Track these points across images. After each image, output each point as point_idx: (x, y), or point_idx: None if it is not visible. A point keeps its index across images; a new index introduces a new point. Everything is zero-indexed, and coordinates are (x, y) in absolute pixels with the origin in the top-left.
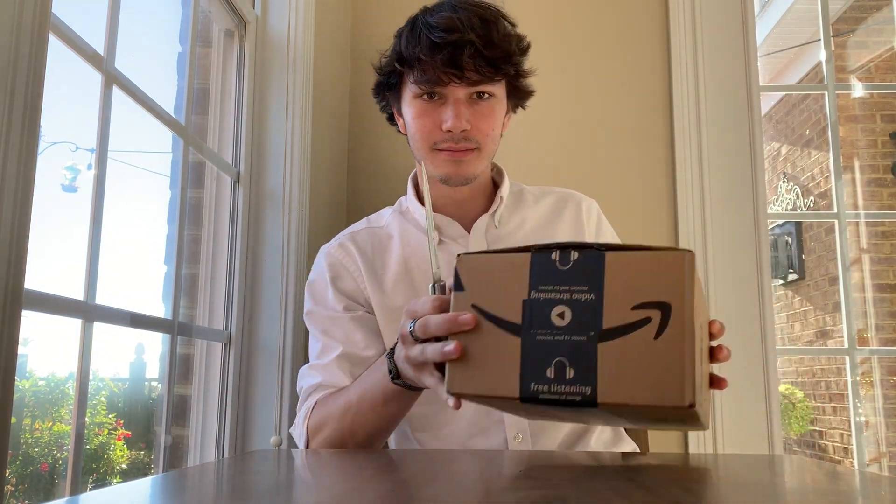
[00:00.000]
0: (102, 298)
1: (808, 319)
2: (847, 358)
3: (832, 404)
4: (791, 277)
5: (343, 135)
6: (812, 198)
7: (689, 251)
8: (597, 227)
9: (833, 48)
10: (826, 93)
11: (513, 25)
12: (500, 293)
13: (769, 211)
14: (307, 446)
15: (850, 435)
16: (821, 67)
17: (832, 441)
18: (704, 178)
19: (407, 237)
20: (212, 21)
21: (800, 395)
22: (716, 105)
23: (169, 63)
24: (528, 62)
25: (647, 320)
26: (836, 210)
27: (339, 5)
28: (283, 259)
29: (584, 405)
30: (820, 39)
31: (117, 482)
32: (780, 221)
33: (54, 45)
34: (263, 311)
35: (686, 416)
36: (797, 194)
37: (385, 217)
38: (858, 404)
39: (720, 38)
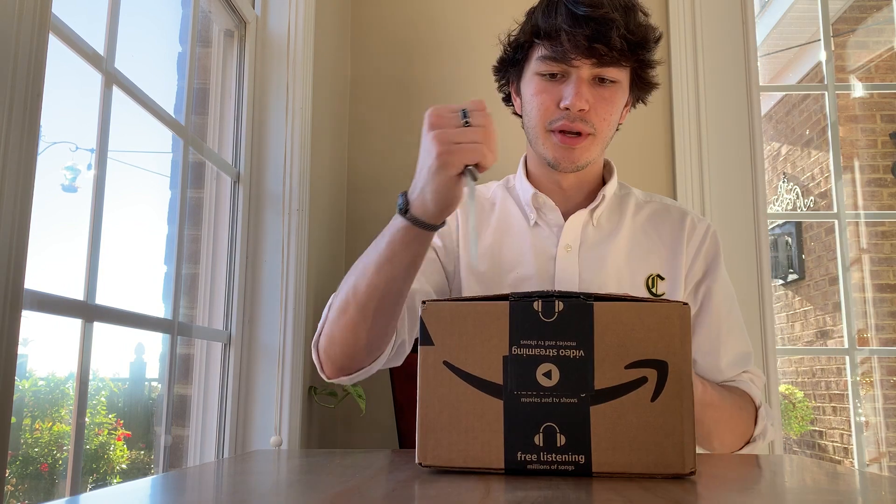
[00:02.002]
0: (102, 298)
1: (808, 319)
2: (847, 358)
3: (832, 404)
4: (791, 277)
5: (343, 135)
6: (812, 198)
7: (685, 303)
8: (697, 254)
9: (833, 48)
10: (826, 93)
11: (646, 16)
12: (475, 348)
13: (769, 211)
14: (321, 330)
15: (850, 435)
16: (821, 67)
17: (832, 441)
18: (704, 177)
19: (506, 213)
20: (212, 21)
21: (800, 395)
22: (716, 105)
23: (169, 63)
24: None
25: (643, 380)
26: (836, 210)
27: (339, 5)
28: (283, 259)
29: (578, 475)
30: (820, 39)
31: (117, 482)
32: (780, 221)
33: (54, 45)
34: (263, 311)
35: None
36: (797, 194)
37: (491, 188)
38: (858, 404)
39: (720, 38)
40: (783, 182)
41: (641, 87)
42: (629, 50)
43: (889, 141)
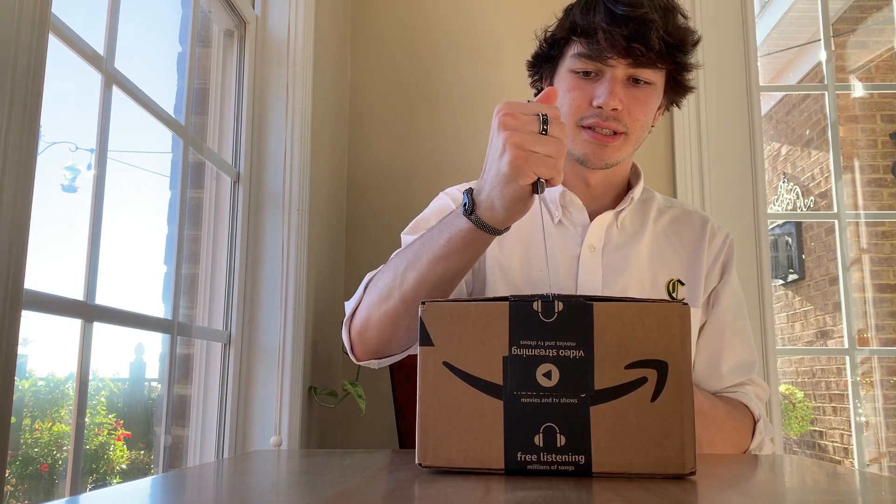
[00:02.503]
0: (102, 298)
1: (808, 319)
2: (847, 358)
3: (832, 404)
4: (791, 277)
5: (343, 135)
6: (812, 198)
7: (684, 303)
8: (716, 260)
9: (833, 48)
10: (826, 93)
11: (685, 19)
12: (475, 349)
13: (769, 211)
14: (355, 309)
15: (850, 435)
16: (821, 67)
17: (832, 441)
18: (704, 178)
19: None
20: (212, 21)
21: (800, 395)
22: (716, 105)
23: (169, 63)
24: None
25: (643, 380)
26: (836, 210)
27: (339, 5)
28: (283, 259)
29: (578, 475)
30: (820, 39)
31: (117, 482)
32: (780, 221)
33: (54, 45)
34: (263, 311)
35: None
36: (797, 194)
37: None
38: (858, 404)
39: (720, 38)
40: (783, 182)
41: (676, 90)
42: (667, 52)
43: (889, 141)
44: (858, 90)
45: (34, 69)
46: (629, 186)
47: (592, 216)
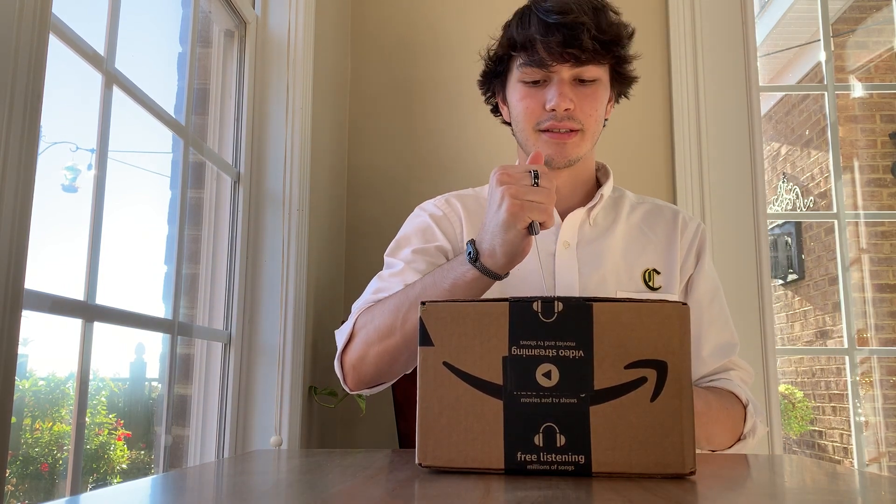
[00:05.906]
0: (102, 298)
1: (807, 319)
2: (847, 358)
3: (832, 404)
4: (791, 277)
5: (343, 134)
6: (812, 198)
7: (684, 304)
8: (690, 248)
9: (833, 48)
10: (826, 93)
11: (617, 15)
12: (475, 349)
13: (769, 211)
14: (348, 340)
15: (849, 435)
16: (820, 67)
17: (832, 441)
18: (704, 177)
19: None
20: (212, 21)
21: (799, 395)
22: (716, 105)
23: (169, 63)
24: None
25: (643, 380)
26: (835, 210)
27: (339, 5)
28: (283, 259)
29: (577, 475)
30: (820, 39)
31: (117, 482)
32: (780, 221)
33: (54, 45)
34: (263, 311)
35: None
36: (797, 194)
37: (487, 190)
38: (858, 404)
39: (720, 38)
40: (783, 182)
41: (621, 81)
42: (602, 48)
43: (889, 141)
44: (858, 90)
45: (34, 69)
46: (598, 185)
47: (563, 215)
